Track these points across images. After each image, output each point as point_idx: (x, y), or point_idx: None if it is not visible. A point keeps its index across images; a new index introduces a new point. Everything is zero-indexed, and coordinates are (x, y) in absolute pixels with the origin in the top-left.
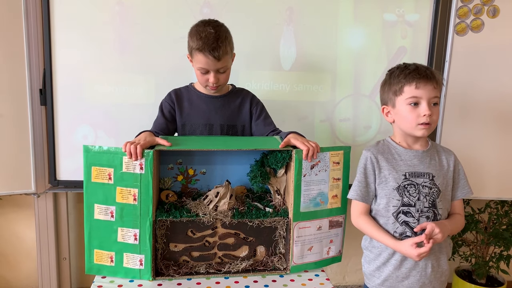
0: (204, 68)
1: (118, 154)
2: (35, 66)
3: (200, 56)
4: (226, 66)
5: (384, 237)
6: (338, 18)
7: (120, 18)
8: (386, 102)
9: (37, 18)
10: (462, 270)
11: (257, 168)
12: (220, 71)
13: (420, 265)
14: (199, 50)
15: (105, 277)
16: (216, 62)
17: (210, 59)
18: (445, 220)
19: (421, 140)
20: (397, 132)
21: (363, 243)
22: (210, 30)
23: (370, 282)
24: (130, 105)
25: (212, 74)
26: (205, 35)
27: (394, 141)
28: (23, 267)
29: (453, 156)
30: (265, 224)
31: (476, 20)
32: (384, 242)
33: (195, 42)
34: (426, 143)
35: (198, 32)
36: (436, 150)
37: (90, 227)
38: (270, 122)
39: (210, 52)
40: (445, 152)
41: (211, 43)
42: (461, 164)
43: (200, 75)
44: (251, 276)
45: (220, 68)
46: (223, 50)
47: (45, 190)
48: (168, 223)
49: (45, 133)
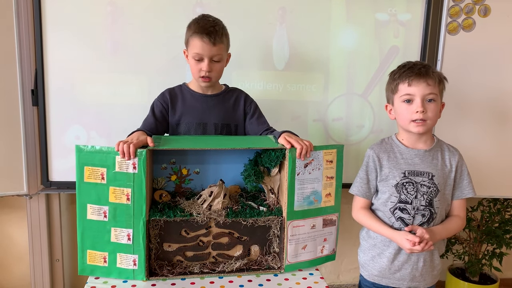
0: (198, 53)
1: (110, 153)
2: (27, 66)
3: (196, 40)
4: (220, 55)
5: (382, 227)
6: (330, 17)
7: (112, 18)
8: (388, 100)
9: (28, 18)
10: (456, 268)
11: (250, 167)
12: (214, 59)
13: (413, 259)
14: (195, 34)
15: (99, 277)
16: (211, 47)
17: (205, 42)
18: (437, 226)
19: (425, 137)
20: (401, 130)
21: (361, 233)
22: (208, 19)
23: (364, 271)
24: (122, 105)
25: (206, 61)
26: (202, 22)
27: (398, 139)
28: (15, 269)
29: (457, 156)
30: (259, 223)
31: (468, 19)
32: (382, 232)
33: (192, 29)
34: (431, 141)
35: (196, 20)
36: (440, 149)
37: (83, 228)
38: (264, 121)
39: (206, 34)
40: (449, 152)
41: (208, 27)
42: (465, 164)
43: (194, 64)
44: (245, 276)
45: (214, 55)
46: (219, 37)
47: (38, 191)
48: (161, 222)
49: (37, 133)
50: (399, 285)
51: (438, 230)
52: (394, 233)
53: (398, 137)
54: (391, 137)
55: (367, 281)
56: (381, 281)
